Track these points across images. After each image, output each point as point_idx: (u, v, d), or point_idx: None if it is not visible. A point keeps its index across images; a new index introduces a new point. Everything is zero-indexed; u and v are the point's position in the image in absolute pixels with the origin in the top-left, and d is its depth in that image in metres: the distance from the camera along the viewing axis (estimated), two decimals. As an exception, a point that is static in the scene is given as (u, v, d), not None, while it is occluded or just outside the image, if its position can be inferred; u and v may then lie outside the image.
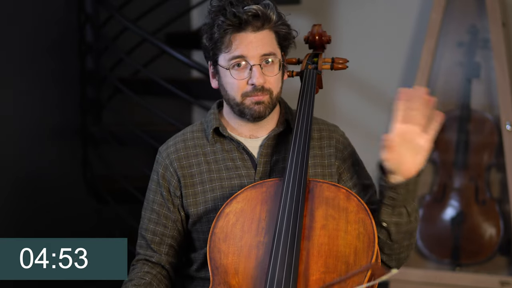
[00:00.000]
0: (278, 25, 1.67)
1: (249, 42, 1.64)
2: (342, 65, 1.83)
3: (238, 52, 1.64)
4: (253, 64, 1.64)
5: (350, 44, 3.71)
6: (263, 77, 1.65)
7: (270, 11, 1.65)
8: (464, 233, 3.38)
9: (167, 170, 1.76)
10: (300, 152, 1.63)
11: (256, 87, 1.65)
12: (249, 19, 1.62)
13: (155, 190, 1.78)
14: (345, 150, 1.78)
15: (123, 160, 3.43)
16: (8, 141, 3.06)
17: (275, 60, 1.67)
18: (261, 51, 1.64)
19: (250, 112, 1.68)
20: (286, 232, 1.51)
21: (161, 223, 1.76)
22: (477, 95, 3.49)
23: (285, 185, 1.58)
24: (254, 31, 1.64)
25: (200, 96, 3.38)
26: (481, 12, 3.47)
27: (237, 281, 1.50)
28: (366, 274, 1.45)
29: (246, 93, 1.66)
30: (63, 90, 3.37)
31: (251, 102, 1.66)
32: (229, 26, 1.63)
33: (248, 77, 1.65)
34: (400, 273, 3.30)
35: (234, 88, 1.67)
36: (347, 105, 3.77)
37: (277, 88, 1.69)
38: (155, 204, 1.77)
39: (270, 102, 1.68)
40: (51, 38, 3.29)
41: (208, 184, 1.73)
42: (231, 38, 1.64)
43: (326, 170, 1.74)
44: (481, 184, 3.40)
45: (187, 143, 1.77)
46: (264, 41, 1.65)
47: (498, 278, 3.22)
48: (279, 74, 1.69)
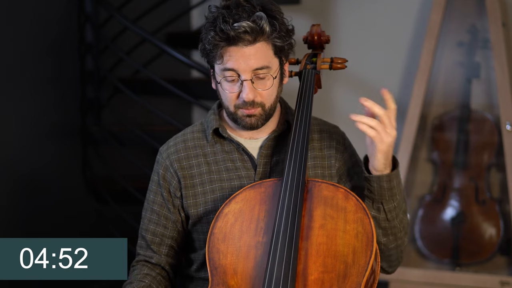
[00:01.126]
0: (273, 37, 1.61)
1: (240, 56, 1.60)
2: (341, 65, 1.82)
3: (229, 65, 1.61)
4: (244, 80, 1.61)
5: (350, 44, 3.71)
6: (253, 93, 1.62)
7: (264, 23, 1.58)
8: (464, 233, 3.38)
9: (167, 171, 1.75)
10: (298, 152, 1.63)
11: (246, 102, 1.63)
12: (239, 35, 1.58)
13: (155, 191, 1.77)
14: (345, 152, 1.77)
15: (123, 160, 3.42)
16: (8, 141, 3.06)
17: (268, 74, 1.63)
18: (253, 65, 1.60)
19: (242, 123, 1.67)
20: (284, 232, 1.51)
21: (161, 223, 1.75)
22: (477, 95, 3.49)
23: (284, 185, 1.57)
24: (246, 45, 1.59)
25: (200, 96, 3.38)
26: (481, 12, 3.47)
27: (235, 281, 1.50)
28: (364, 274, 1.45)
29: (238, 105, 1.65)
30: (63, 90, 3.37)
31: (243, 115, 1.65)
32: (219, 41, 1.59)
33: (239, 90, 1.63)
34: (400, 273, 3.34)
35: (227, 99, 1.66)
36: (346, 105, 3.77)
37: (270, 101, 1.66)
38: (155, 205, 1.76)
39: (263, 114, 1.66)
40: (51, 38, 3.29)
41: (208, 185, 1.72)
42: (222, 51, 1.60)
43: (326, 171, 1.74)
44: (481, 184, 3.40)
45: (188, 144, 1.77)
46: (257, 55, 1.60)
47: (498, 278, 3.22)
48: (273, 87, 1.66)
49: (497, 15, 3.32)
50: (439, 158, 3.49)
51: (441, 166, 3.48)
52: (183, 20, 3.94)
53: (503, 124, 3.27)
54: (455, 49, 3.53)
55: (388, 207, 1.60)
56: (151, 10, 3.55)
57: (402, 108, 3.64)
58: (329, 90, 3.66)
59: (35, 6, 3.17)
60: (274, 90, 1.67)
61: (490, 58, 3.41)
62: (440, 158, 3.49)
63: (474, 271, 3.36)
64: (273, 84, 1.65)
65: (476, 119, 3.46)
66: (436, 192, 3.48)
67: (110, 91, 3.46)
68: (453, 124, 3.48)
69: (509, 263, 3.38)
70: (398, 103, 4.13)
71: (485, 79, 3.50)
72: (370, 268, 1.46)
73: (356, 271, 1.46)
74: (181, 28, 3.99)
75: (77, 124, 3.41)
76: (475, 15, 3.50)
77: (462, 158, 3.45)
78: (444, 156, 3.49)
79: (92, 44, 3.40)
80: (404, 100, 3.64)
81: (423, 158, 3.56)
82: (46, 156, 3.26)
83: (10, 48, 3.06)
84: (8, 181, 3.06)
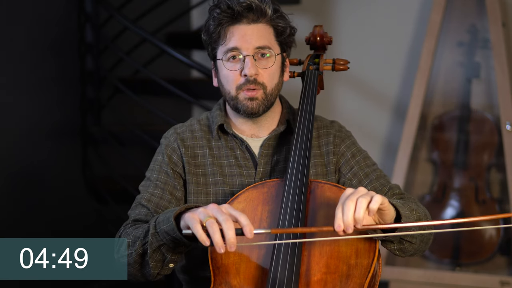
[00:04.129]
0: (274, 18, 1.67)
1: (243, 34, 1.65)
2: (344, 66, 1.83)
3: (232, 44, 1.65)
4: (246, 55, 1.64)
5: (350, 44, 3.71)
6: (255, 68, 1.64)
7: (266, 5, 1.65)
8: (464, 233, 3.38)
9: (174, 152, 1.74)
10: (301, 153, 1.63)
11: (248, 79, 1.64)
12: (243, 11, 1.63)
13: (158, 170, 1.74)
14: (342, 144, 1.77)
15: (123, 160, 3.42)
16: (8, 141, 3.05)
17: (271, 54, 1.67)
18: (256, 43, 1.64)
19: (243, 108, 1.68)
20: (287, 233, 1.50)
21: (166, 198, 1.71)
22: (477, 95, 3.49)
23: (287, 185, 1.57)
24: (249, 23, 1.65)
25: (200, 96, 3.38)
26: (481, 12, 3.47)
27: (238, 281, 1.49)
28: (367, 275, 1.45)
29: (239, 86, 1.66)
30: (63, 90, 3.37)
31: (245, 98, 1.66)
32: (224, 17, 1.64)
33: (241, 68, 1.65)
34: (400, 273, 3.33)
35: (229, 81, 1.67)
36: (346, 105, 3.77)
37: (272, 84, 1.68)
38: (159, 181, 1.72)
39: (264, 99, 1.67)
40: (51, 38, 3.29)
41: (211, 177, 1.73)
42: (226, 30, 1.65)
43: (326, 168, 1.74)
44: (481, 184, 3.40)
45: (195, 134, 1.77)
46: (259, 34, 1.65)
47: (498, 278, 3.22)
48: (275, 69, 1.68)
49: (497, 15, 3.32)
50: (439, 158, 3.49)
51: (441, 166, 3.48)
52: (183, 20, 3.94)
53: (503, 124, 3.27)
54: (455, 49, 3.53)
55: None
56: (151, 10, 3.55)
57: (402, 108, 3.64)
58: (329, 90, 3.66)
59: (35, 6, 3.17)
60: (276, 73, 1.69)
61: (490, 58, 3.41)
62: (440, 158, 3.49)
63: (474, 271, 3.37)
64: (274, 63, 1.67)
65: (476, 119, 3.46)
66: (436, 192, 3.47)
67: (110, 91, 3.46)
68: (453, 124, 3.48)
69: (509, 263, 3.38)
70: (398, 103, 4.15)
71: (485, 79, 3.50)
72: (372, 269, 1.46)
73: (359, 272, 1.46)
74: (181, 28, 3.99)
75: (77, 124, 3.41)
76: (475, 15, 3.50)
77: (462, 158, 3.45)
78: (444, 156, 3.49)
79: (92, 44, 3.40)
80: (404, 100, 3.64)
81: (423, 158, 3.56)
82: (46, 156, 3.26)
83: (10, 48, 3.06)
84: (8, 181, 3.06)
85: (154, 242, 1.49)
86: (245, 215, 1.36)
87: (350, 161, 1.75)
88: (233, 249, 1.33)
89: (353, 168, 1.74)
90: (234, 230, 1.34)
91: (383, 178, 1.74)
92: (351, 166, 1.74)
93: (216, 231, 1.34)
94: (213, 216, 1.36)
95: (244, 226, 1.35)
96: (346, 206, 1.36)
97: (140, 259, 1.54)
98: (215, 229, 1.34)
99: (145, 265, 1.54)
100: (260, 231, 1.36)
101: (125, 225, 1.67)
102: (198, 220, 1.37)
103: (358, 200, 1.36)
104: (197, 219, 1.37)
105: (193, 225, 1.36)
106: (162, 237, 1.47)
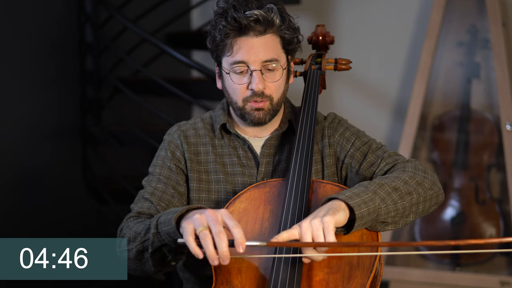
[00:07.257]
0: (282, 29, 1.65)
1: (250, 47, 1.62)
2: (346, 66, 1.84)
3: (239, 57, 1.63)
4: (254, 70, 1.63)
5: (350, 44, 3.71)
6: (263, 83, 1.63)
7: (274, 15, 1.62)
8: (464, 233, 3.38)
9: (177, 148, 1.75)
10: (304, 153, 1.63)
11: (255, 93, 1.64)
12: (250, 24, 1.61)
13: (161, 165, 1.74)
14: (335, 133, 1.77)
15: (123, 160, 3.42)
16: (8, 140, 3.05)
17: (277, 66, 1.65)
18: (263, 57, 1.63)
19: (250, 118, 1.68)
20: None
21: (169, 192, 1.71)
22: (477, 95, 3.49)
23: (289, 185, 1.57)
24: (256, 36, 1.63)
25: (200, 96, 3.38)
26: (481, 12, 3.47)
27: (240, 280, 1.49)
28: (369, 275, 1.45)
29: (246, 98, 1.66)
30: (63, 90, 3.36)
31: (251, 109, 1.67)
32: (230, 30, 1.62)
33: (248, 82, 1.64)
34: (400, 273, 3.33)
35: (236, 93, 1.67)
36: (347, 105, 3.77)
37: (278, 94, 1.68)
38: (162, 176, 1.72)
39: (271, 109, 1.67)
40: (51, 38, 3.29)
41: (213, 175, 1.73)
42: (233, 42, 1.63)
43: (324, 162, 1.74)
44: (481, 184, 3.40)
45: (198, 132, 1.78)
46: (267, 46, 1.63)
47: (498, 278, 3.22)
48: (281, 80, 1.68)
49: (497, 15, 3.32)
50: (439, 158, 3.49)
51: (441, 166, 3.48)
52: (183, 20, 3.94)
53: (503, 124, 3.27)
54: (455, 49, 3.53)
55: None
56: (151, 10, 3.55)
57: (402, 108, 3.64)
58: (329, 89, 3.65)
59: (35, 6, 3.16)
60: (282, 83, 1.68)
61: (490, 58, 3.41)
62: (440, 158, 3.49)
63: (474, 271, 3.36)
64: (282, 76, 1.66)
65: (476, 119, 3.46)
66: (436, 192, 3.47)
67: (110, 91, 3.46)
68: (453, 124, 3.48)
69: (509, 263, 3.38)
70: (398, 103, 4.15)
71: (485, 79, 3.50)
72: (374, 270, 1.46)
73: (360, 272, 1.46)
74: (181, 28, 3.99)
75: (77, 124, 3.41)
76: (475, 15, 3.50)
77: (462, 158, 3.44)
78: (444, 156, 3.48)
79: (92, 44, 3.40)
80: (404, 100, 3.64)
81: (423, 158, 3.56)
82: (46, 156, 3.26)
83: (10, 48, 3.06)
84: (8, 181, 3.05)
85: (155, 242, 1.48)
86: (240, 227, 1.34)
87: (345, 146, 1.74)
88: (227, 262, 1.31)
89: (349, 151, 1.73)
90: (227, 243, 1.31)
91: (379, 150, 1.72)
92: (347, 150, 1.74)
93: (209, 243, 1.32)
94: (208, 226, 1.34)
95: (236, 239, 1.32)
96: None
97: (140, 256, 1.54)
98: (208, 242, 1.32)
99: (144, 262, 1.54)
100: (254, 243, 1.34)
101: (128, 218, 1.67)
102: (192, 231, 1.34)
103: (314, 236, 1.39)
104: (191, 230, 1.34)
105: (187, 237, 1.34)
106: (164, 237, 1.46)
